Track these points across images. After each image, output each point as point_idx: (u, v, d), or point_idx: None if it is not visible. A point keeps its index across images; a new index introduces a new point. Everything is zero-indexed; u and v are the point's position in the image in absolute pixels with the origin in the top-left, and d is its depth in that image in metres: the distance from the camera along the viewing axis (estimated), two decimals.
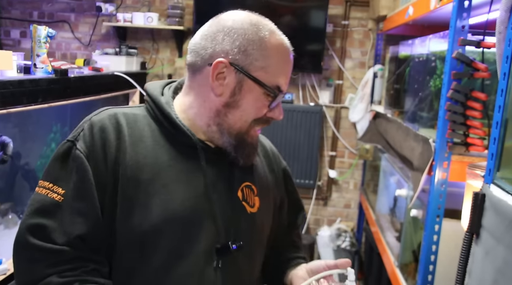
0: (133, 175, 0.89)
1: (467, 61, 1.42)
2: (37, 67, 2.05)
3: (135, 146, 0.91)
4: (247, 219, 0.99)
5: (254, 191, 1.02)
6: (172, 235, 0.89)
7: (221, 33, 0.91)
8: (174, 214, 0.89)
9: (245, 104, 0.92)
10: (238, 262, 0.96)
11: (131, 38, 3.53)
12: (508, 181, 0.90)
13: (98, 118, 0.92)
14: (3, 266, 1.80)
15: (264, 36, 0.92)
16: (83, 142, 0.89)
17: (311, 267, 1.01)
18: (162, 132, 0.94)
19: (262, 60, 0.91)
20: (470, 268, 0.97)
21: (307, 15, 3.22)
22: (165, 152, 0.93)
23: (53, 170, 0.90)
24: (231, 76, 0.91)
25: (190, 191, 0.92)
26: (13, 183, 2.55)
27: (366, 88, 3.19)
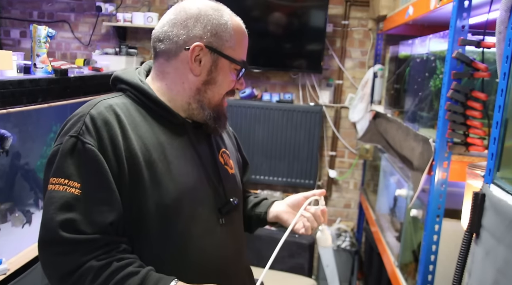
0: (145, 158, 0.98)
1: (467, 61, 1.42)
2: (37, 67, 2.05)
3: (137, 131, 1.00)
4: (231, 179, 1.15)
5: (228, 155, 1.19)
6: (187, 203, 1.02)
7: (191, 20, 1.03)
8: (185, 186, 1.02)
9: (221, 80, 1.05)
10: (234, 218, 1.13)
11: (131, 38, 3.53)
12: (508, 181, 0.90)
13: (97, 111, 0.98)
14: (3, 266, 1.80)
15: (228, 20, 1.05)
16: (90, 135, 0.94)
17: (292, 202, 1.21)
18: (152, 115, 1.04)
19: (230, 41, 1.04)
20: (470, 268, 0.97)
21: (307, 15, 3.22)
22: (161, 132, 1.03)
23: (63, 166, 0.94)
24: (207, 57, 1.03)
25: (190, 163, 1.05)
26: (13, 183, 2.55)
27: (366, 88, 3.19)
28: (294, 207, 1.20)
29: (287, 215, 1.20)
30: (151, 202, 0.97)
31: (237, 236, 1.15)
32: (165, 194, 0.98)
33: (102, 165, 0.93)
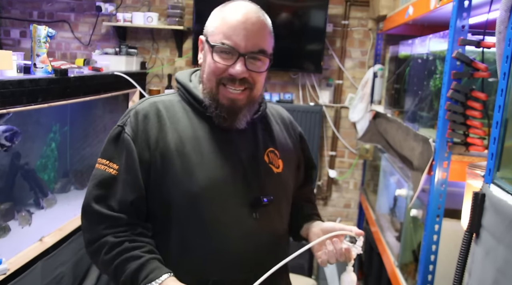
0: (177, 149, 1.09)
1: (467, 61, 1.42)
2: (37, 67, 2.05)
3: (175, 126, 1.11)
4: (274, 177, 1.18)
5: (277, 154, 1.21)
6: (217, 194, 1.09)
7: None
8: (216, 176, 1.09)
9: (206, 64, 1.11)
10: (271, 214, 1.16)
11: (131, 38, 3.53)
12: (508, 181, 0.90)
13: (142, 106, 1.13)
14: (3, 266, 1.80)
15: (221, 9, 1.11)
16: (130, 127, 1.10)
17: (326, 227, 1.16)
18: (195, 112, 1.14)
19: (213, 26, 1.10)
20: (471, 268, 0.97)
21: (307, 15, 3.22)
22: (200, 128, 1.13)
23: (108, 149, 1.12)
24: (206, 47, 1.12)
25: (225, 158, 1.11)
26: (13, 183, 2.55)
27: (366, 88, 3.19)
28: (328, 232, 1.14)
29: (314, 238, 1.16)
30: (181, 188, 1.08)
31: (273, 232, 1.17)
32: (195, 182, 1.07)
33: (133, 153, 1.08)
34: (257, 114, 1.19)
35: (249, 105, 1.13)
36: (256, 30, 1.08)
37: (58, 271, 2.17)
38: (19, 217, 2.34)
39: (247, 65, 1.07)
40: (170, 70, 3.53)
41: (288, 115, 1.35)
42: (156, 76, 3.55)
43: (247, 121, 1.14)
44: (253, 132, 1.18)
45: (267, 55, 1.11)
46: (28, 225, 2.35)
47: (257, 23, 1.08)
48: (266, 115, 1.25)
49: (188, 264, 1.09)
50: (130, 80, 2.88)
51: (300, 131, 1.35)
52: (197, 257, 1.08)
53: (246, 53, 1.07)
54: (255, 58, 1.09)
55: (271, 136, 1.23)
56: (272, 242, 1.16)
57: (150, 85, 3.52)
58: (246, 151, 1.15)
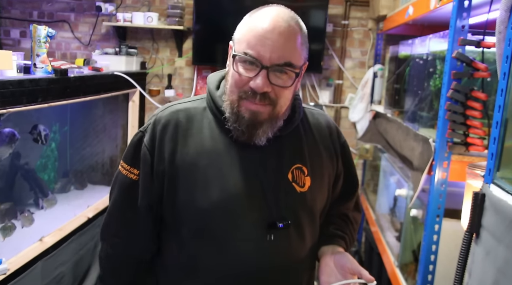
0: (193, 162, 1.04)
1: (467, 61, 1.42)
2: (37, 67, 2.05)
3: (194, 137, 1.06)
4: (296, 197, 1.08)
5: (304, 172, 1.11)
6: (229, 211, 1.03)
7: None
8: (230, 194, 1.03)
9: (230, 73, 1.03)
10: (289, 237, 1.07)
11: (131, 38, 3.53)
12: (508, 181, 0.90)
13: (163, 114, 1.08)
14: (3, 266, 1.80)
15: (250, 15, 1.03)
16: (148, 135, 1.07)
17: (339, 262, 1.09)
18: (217, 122, 1.07)
19: (240, 33, 1.02)
20: (471, 268, 0.97)
21: (307, 15, 3.22)
22: (221, 140, 1.06)
23: (130, 154, 1.10)
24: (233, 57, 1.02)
25: (244, 174, 1.04)
26: (13, 183, 2.55)
27: (366, 88, 3.19)
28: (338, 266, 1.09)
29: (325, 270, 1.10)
30: (194, 203, 1.04)
31: (291, 256, 1.09)
32: (207, 198, 1.03)
33: (147, 164, 1.06)
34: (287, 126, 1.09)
35: (271, 121, 1.03)
36: (283, 41, 0.97)
37: (58, 271, 2.17)
38: (22, 218, 2.34)
39: (270, 78, 0.98)
40: (170, 70, 3.53)
41: (329, 122, 1.22)
42: (156, 76, 3.55)
43: (268, 138, 1.04)
44: (279, 148, 1.09)
45: (295, 68, 0.99)
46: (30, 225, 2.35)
47: (285, 33, 0.98)
48: (299, 126, 1.14)
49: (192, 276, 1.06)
50: (130, 80, 2.87)
51: (344, 141, 1.22)
52: (205, 278, 1.05)
53: (270, 66, 0.97)
54: (281, 71, 0.98)
55: (300, 150, 1.12)
56: (289, 267, 1.09)
57: (150, 85, 3.52)
58: (268, 168, 1.07)
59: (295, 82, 1.02)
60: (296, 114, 1.11)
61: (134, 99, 3.23)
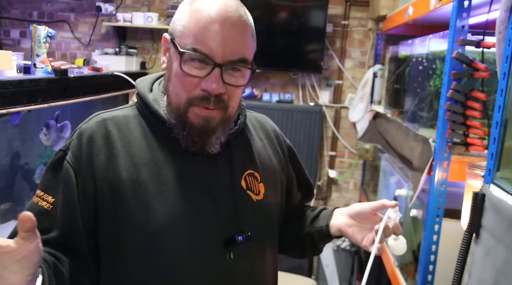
0: (131, 177, 0.88)
1: (467, 61, 1.42)
2: (37, 67, 2.05)
3: (128, 148, 0.90)
4: (254, 207, 0.97)
5: (257, 178, 1.00)
6: (180, 231, 0.89)
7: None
8: (179, 211, 0.89)
9: (173, 73, 0.88)
10: (250, 253, 0.95)
11: (131, 38, 3.53)
12: (508, 181, 0.90)
13: (87, 126, 0.91)
14: None
15: (191, 4, 0.88)
16: (72, 153, 0.89)
17: (355, 212, 0.99)
18: (153, 130, 0.93)
19: (181, 25, 0.87)
20: (470, 268, 0.97)
21: (307, 15, 3.22)
22: (160, 150, 0.91)
23: (45, 178, 0.91)
24: (171, 50, 0.90)
25: (191, 186, 0.91)
26: (12, 183, 2.55)
27: (366, 88, 3.19)
28: (358, 218, 0.99)
29: (352, 230, 0.99)
30: (135, 226, 0.87)
31: (253, 272, 0.96)
32: (152, 218, 0.87)
33: (71, 186, 0.87)
34: (232, 130, 0.97)
35: (223, 125, 0.91)
36: (236, 33, 0.85)
37: None
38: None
39: (224, 77, 0.85)
40: None
41: (274, 126, 1.14)
42: None
43: (221, 143, 0.92)
44: (228, 153, 0.96)
45: (247, 63, 0.89)
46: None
47: (237, 24, 0.86)
48: (245, 129, 1.03)
49: None
50: (130, 80, 2.87)
51: (289, 145, 1.14)
52: None
53: (223, 63, 0.85)
54: (234, 68, 0.87)
55: (250, 155, 1.00)
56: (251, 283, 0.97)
57: None
58: (218, 177, 0.94)
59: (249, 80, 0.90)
60: (241, 116, 1.00)
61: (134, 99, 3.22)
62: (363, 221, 0.99)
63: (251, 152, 1.01)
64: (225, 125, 0.92)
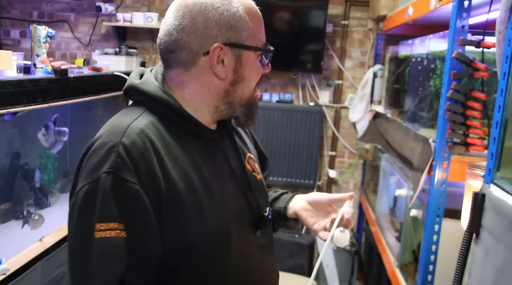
0: (185, 186, 0.88)
1: (467, 61, 1.42)
2: (37, 67, 2.05)
3: (173, 156, 0.89)
4: (261, 187, 1.08)
5: (253, 159, 1.10)
6: (230, 224, 0.95)
7: (199, 19, 0.90)
8: (225, 206, 0.95)
9: (249, 74, 0.95)
10: (268, 229, 1.08)
11: (131, 38, 3.53)
12: (508, 181, 0.90)
13: (130, 140, 0.85)
14: (3, 266, 1.80)
15: (238, 6, 0.91)
16: (128, 171, 0.82)
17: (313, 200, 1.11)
18: (179, 130, 0.93)
19: (248, 29, 0.92)
20: (470, 268, 0.97)
21: (307, 15, 3.22)
22: (192, 149, 0.93)
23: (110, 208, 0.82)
24: (229, 56, 0.92)
25: (225, 179, 0.98)
26: (12, 183, 2.55)
27: (366, 88, 3.19)
28: (315, 205, 1.11)
29: (306, 214, 1.11)
30: (197, 231, 0.88)
31: (272, 250, 1.11)
32: (210, 220, 0.90)
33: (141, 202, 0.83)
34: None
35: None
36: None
37: (58, 271, 2.17)
38: (32, 221, 2.34)
39: None
40: None
41: None
42: None
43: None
44: (231, 140, 1.04)
45: None
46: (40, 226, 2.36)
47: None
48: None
49: None
50: None
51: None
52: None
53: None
54: None
55: (242, 140, 1.10)
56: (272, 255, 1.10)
57: None
58: (233, 162, 1.00)
59: None
60: None
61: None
62: (319, 209, 1.11)
63: (241, 137, 1.10)
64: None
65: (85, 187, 0.83)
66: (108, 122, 0.92)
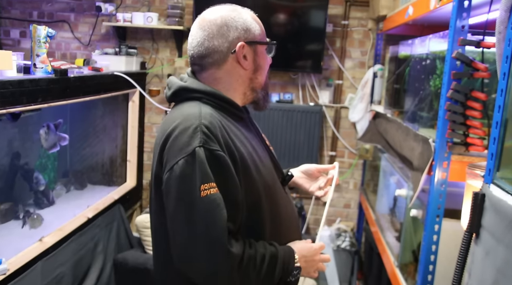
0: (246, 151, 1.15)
1: (467, 61, 1.42)
2: (37, 67, 2.05)
3: (232, 132, 1.16)
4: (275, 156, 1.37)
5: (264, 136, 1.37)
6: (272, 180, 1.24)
7: (223, 28, 1.17)
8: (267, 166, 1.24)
9: (263, 63, 1.25)
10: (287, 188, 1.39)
11: (130, 38, 3.53)
12: (508, 181, 0.90)
13: (207, 120, 1.10)
14: (3, 266, 1.80)
15: (246, 13, 1.22)
16: (213, 142, 1.08)
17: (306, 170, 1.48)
18: (228, 115, 1.20)
19: (256, 29, 1.22)
20: (470, 268, 0.97)
21: (307, 15, 3.22)
22: (239, 128, 1.20)
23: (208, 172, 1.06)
24: (249, 51, 1.20)
25: (261, 148, 1.26)
26: (12, 183, 2.55)
27: (366, 88, 3.19)
28: (307, 174, 1.48)
29: (302, 180, 1.47)
30: (259, 185, 1.16)
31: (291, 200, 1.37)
32: (264, 176, 1.19)
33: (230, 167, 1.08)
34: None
35: None
36: None
37: (58, 271, 2.17)
38: (30, 220, 2.34)
39: None
40: (170, 70, 3.53)
41: None
42: (156, 76, 3.55)
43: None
44: (250, 121, 1.32)
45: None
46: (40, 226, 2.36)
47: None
48: None
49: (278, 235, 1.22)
50: (130, 80, 2.88)
51: None
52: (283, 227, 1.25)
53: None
54: None
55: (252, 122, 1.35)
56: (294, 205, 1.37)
57: (150, 85, 3.52)
58: (259, 137, 1.31)
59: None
60: None
61: (134, 99, 3.23)
62: (309, 176, 1.48)
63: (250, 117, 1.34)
64: None
65: (181, 160, 1.06)
66: (176, 116, 1.14)
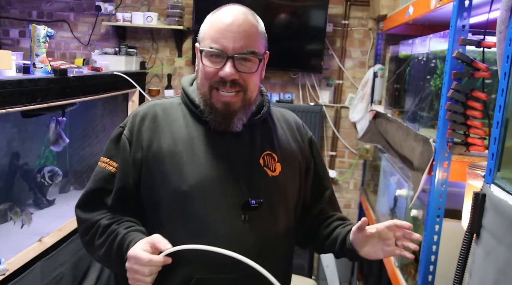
0: (169, 148, 1.14)
1: (467, 60, 1.41)
2: (36, 67, 2.04)
3: (170, 127, 1.16)
4: (268, 180, 1.19)
5: (274, 158, 1.21)
6: (204, 192, 1.12)
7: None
8: (205, 176, 1.13)
9: (200, 71, 1.15)
10: (262, 216, 1.15)
11: (130, 37, 3.53)
12: (509, 181, 0.90)
13: (141, 108, 1.21)
14: (2, 266, 1.80)
15: (211, 15, 1.15)
16: (128, 128, 1.18)
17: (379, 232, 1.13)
18: (192, 115, 1.19)
19: (203, 32, 1.14)
20: (471, 269, 0.97)
21: (307, 15, 3.22)
22: (195, 130, 1.17)
23: (110, 148, 1.20)
24: (198, 53, 1.15)
25: (218, 159, 1.14)
26: (12, 183, 2.55)
27: (366, 88, 3.18)
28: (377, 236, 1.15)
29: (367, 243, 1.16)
30: (170, 186, 1.12)
31: (264, 236, 1.15)
32: (184, 180, 1.11)
33: (126, 153, 1.15)
34: (257, 116, 1.21)
35: (244, 108, 1.14)
36: (243, 31, 1.09)
37: (57, 271, 2.17)
38: (24, 215, 2.34)
39: (236, 66, 1.09)
40: (169, 70, 3.53)
41: (296, 119, 1.36)
42: (156, 76, 3.54)
43: (243, 123, 1.16)
44: (250, 135, 1.20)
45: (257, 55, 1.12)
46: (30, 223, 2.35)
47: (244, 24, 1.10)
48: (268, 118, 1.27)
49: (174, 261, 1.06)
50: (129, 80, 2.87)
51: (310, 136, 1.35)
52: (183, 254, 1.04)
53: (234, 55, 1.08)
54: (245, 59, 1.10)
55: (270, 139, 1.23)
56: (262, 246, 1.14)
57: (149, 85, 3.52)
58: (240, 153, 1.17)
59: (259, 68, 1.14)
60: (265, 107, 1.24)
61: (134, 99, 3.22)
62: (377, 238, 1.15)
63: (271, 136, 1.24)
64: (246, 107, 1.15)
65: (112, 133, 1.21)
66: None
